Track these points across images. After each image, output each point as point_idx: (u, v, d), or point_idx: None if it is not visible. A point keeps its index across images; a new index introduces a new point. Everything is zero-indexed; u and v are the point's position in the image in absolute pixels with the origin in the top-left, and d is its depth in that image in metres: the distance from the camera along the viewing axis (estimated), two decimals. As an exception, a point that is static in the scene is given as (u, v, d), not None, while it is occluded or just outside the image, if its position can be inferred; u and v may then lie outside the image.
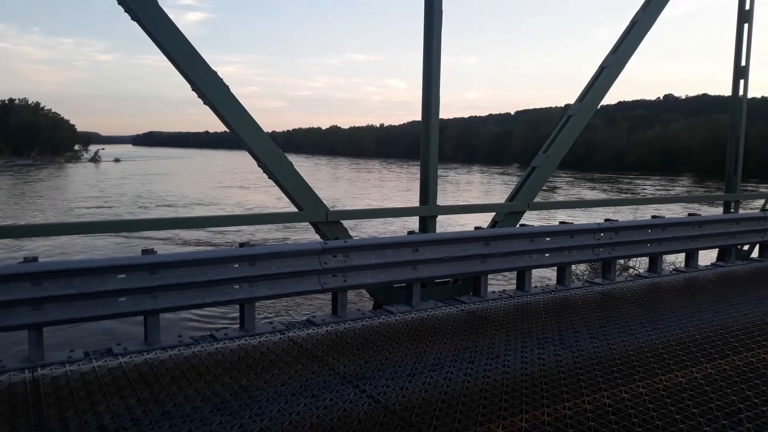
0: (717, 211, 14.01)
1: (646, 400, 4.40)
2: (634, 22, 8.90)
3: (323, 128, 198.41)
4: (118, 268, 5.32)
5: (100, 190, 42.60)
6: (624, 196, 42.19)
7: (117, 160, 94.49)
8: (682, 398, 4.44)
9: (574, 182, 53.44)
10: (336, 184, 51.17)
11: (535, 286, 8.15)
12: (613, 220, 8.78)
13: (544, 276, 11.66)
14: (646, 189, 47.97)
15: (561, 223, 8.47)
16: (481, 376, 4.84)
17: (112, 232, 14.81)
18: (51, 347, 5.25)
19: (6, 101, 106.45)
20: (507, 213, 8.33)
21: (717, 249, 10.41)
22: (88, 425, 3.88)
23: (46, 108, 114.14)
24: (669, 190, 47.40)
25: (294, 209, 6.93)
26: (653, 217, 9.51)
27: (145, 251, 5.58)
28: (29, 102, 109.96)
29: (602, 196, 42.21)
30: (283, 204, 24.30)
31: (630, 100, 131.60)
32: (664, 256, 9.30)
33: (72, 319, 5.16)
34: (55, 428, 3.84)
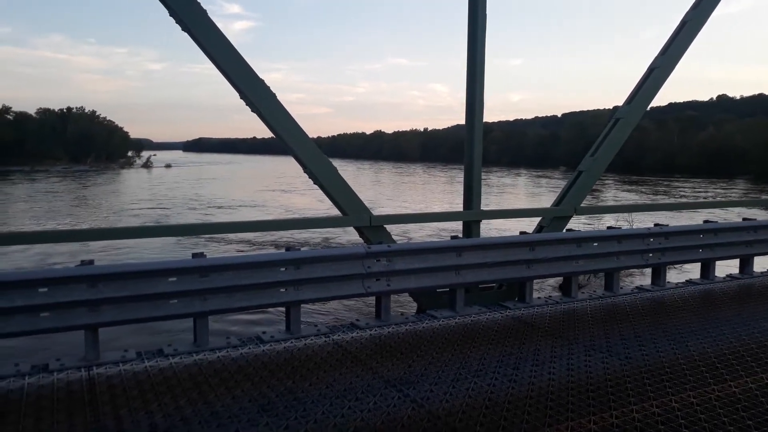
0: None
1: (697, 410, 4.28)
2: (684, 22, 8.66)
3: (367, 133, 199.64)
4: (169, 272, 5.49)
5: (153, 193, 43.89)
6: (654, 199, 40.62)
7: (168, 166, 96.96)
8: (737, 409, 4.30)
9: (612, 185, 52.13)
10: (375, 187, 51.40)
11: (582, 293, 8.01)
12: (663, 225, 8.56)
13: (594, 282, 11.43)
14: (684, 191, 46.28)
15: (609, 227, 8.32)
16: (526, 383, 4.79)
17: (168, 236, 15.31)
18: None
19: (65, 110, 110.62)
20: (553, 218, 8.23)
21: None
22: (141, 423, 4.02)
23: (101, 116, 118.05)
24: (708, 192, 45.58)
25: (338, 213, 7.04)
26: (705, 221, 9.23)
27: (195, 255, 5.74)
28: (86, 110, 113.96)
29: (635, 198, 40.93)
30: (325, 206, 24.56)
31: (681, 101, 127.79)
32: (717, 262, 9.00)
33: (125, 320, 5.35)
34: (109, 425, 3.99)
